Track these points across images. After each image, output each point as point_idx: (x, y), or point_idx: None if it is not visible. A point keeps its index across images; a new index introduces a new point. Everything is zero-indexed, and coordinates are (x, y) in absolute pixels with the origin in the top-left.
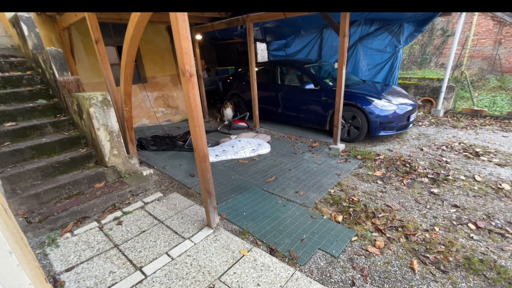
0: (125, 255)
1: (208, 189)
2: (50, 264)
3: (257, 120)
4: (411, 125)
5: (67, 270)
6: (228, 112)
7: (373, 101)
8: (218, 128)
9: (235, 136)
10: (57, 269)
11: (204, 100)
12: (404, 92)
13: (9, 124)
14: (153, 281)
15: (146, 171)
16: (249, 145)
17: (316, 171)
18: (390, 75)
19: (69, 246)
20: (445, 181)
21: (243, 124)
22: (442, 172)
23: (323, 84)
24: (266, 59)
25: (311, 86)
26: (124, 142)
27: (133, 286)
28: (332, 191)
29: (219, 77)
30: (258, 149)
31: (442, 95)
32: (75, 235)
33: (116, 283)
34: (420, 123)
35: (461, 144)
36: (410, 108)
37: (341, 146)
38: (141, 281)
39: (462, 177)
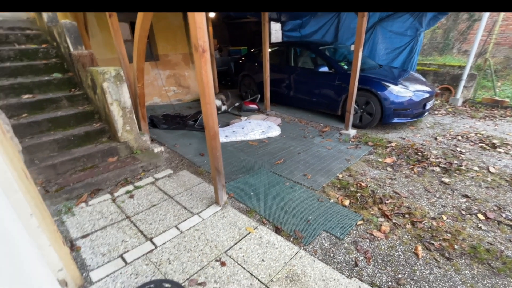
0: (136, 226)
1: (217, 167)
2: (67, 230)
3: (268, 103)
4: (426, 113)
5: (83, 237)
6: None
7: (389, 86)
8: (229, 110)
9: (245, 117)
10: (73, 235)
11: (216, 80)
12: (422, 78)
13: (26, 96)
14: (163, 251)
15: (157, 149)
16: (259, 127)
17: (325, 156)
18: (409, 60)
19: (84, 215)
20: (457, 171)
21: (253, 106)
22: (455, 162)
23: (337, 67)
24: (280, 40)
25: (325, 69)
26: (136, 119)
27: (144, 254)
28: (340, 175)
29: (231, 57)
30: (268, 131)
31: (463, 83)
32: (90, 205)
33: (128, 251)
34: (436, 112)
35: (478, 135)
36: (427, 95)
37: (352, 131)
38: (151, 251)
39: (476, 168)
